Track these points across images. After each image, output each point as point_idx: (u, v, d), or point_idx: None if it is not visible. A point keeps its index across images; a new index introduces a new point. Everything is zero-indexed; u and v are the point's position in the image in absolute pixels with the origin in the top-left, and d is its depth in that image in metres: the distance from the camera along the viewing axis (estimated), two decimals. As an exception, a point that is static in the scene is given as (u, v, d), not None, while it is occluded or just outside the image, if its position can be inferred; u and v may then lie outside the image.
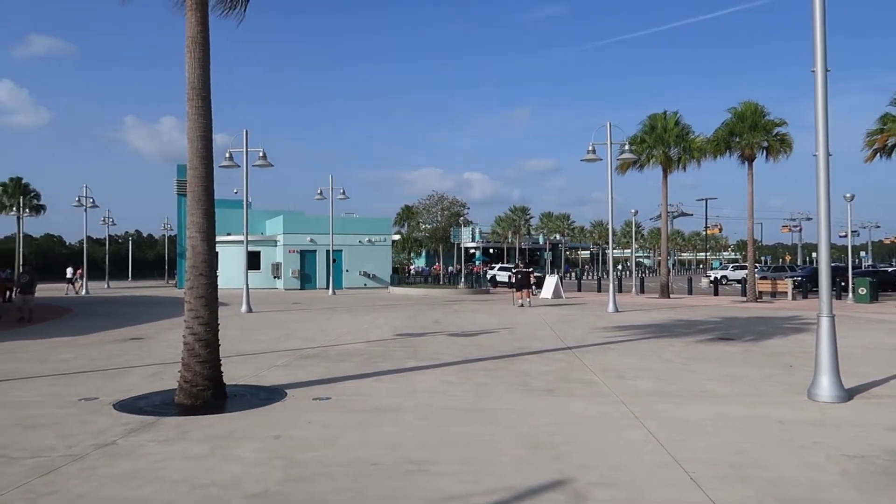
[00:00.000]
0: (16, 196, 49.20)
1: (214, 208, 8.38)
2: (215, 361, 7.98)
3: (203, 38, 8.39)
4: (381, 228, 44.02)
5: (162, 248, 66.80)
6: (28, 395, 8.17)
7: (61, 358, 11.42)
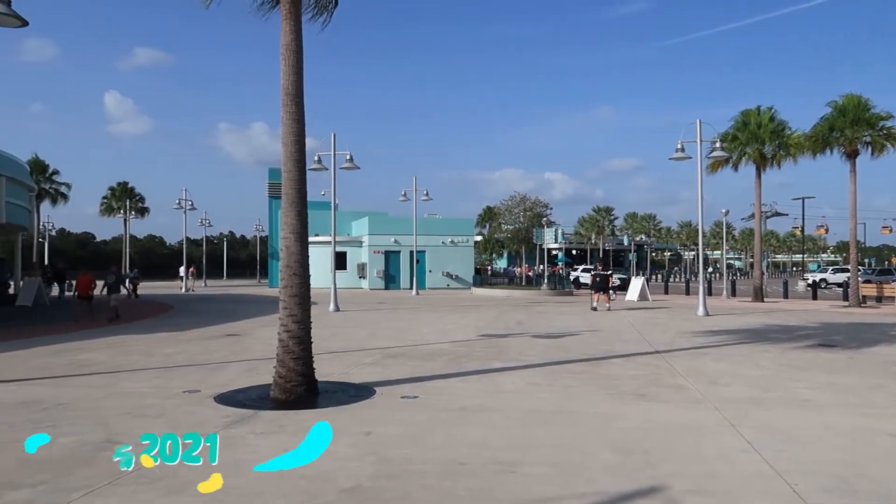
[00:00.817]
0: (122, 200, 52.55)
1: (307, 210, 8.67)
2: (308, 358, 8.25)
3: (296, 45, 8.69)
4: (463, 229, 44.26)
5: (254, 249, 69.63)
6: (137, 387, 8.71)
7: (165, 352, 12.11)
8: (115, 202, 53.81)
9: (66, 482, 4.91)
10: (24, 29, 10.12)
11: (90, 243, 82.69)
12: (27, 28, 10.01)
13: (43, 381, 9.12)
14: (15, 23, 9.75)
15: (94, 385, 8.87)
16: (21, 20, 9.65)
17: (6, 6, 9.39)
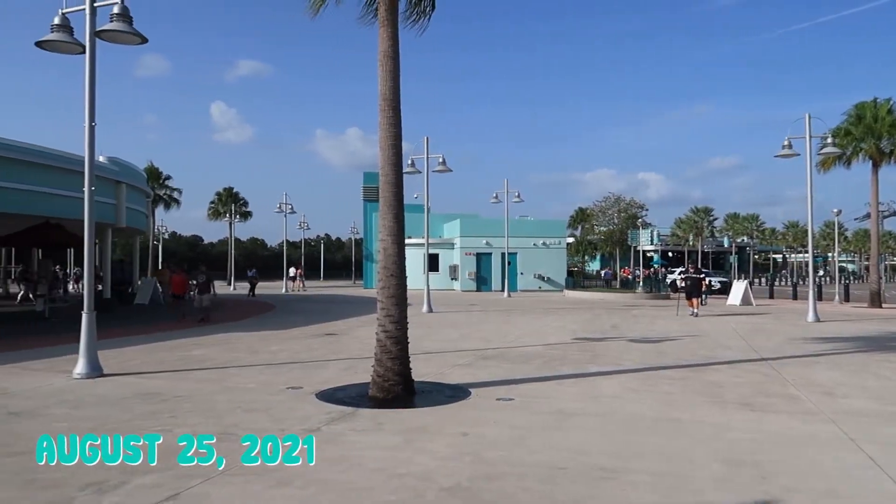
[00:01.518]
0: (228, 204, 55.32)
1: (404, 213, 8.83)
2: (405, 358, 8.40)
3: (394, 52, 8.87)
4: (555, 231, 43.76)
5: (349, 251, 71.60)
6: (245, 382, 9.15)
7: (269, 350, 12.66)
8: (221, 207, 56.75)
9: (185, 469, 5.22)
10: (141, 46, 10.86)
11: (199, 245, 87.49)
12: (144, 45, 10.74)
13: (161, 375, 9.75)
14: (135, 40, 10.47)
15: (206, 379, 9.39)
16: (141, 37, 10.35)
17: (128, 25, 10.11)
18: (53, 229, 20.56)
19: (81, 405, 7.64)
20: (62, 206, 19.50)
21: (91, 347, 9.58)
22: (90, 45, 10.10)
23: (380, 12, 8.93)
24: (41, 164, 18.98)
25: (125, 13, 9.93)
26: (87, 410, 7.37)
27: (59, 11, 10.13)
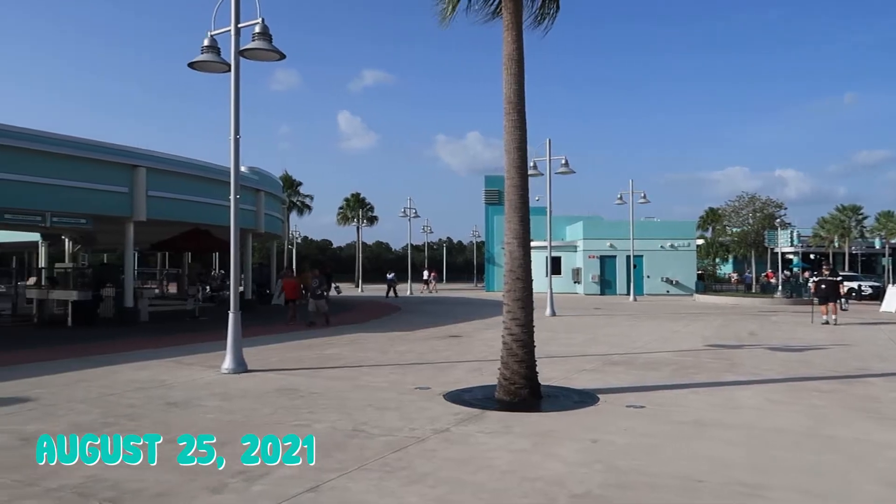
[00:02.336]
0: (355, 209, 57.61)
1: (529, 216, 8.80)
2: (531, 361, 8.36)
3: (518, 55, 8.87)
4: (683, 232, 41.91)
5: (470, 254, 72.33)
6: (376, 381, 9.48)
7: (398, 350, 13.03)
8: (349, 212, 59.19)
9: (324, 462, 5.48)
10: (276, 62, 11.52)
11: (328, 249, 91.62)
12: (279, 61, 11.40)
13: (298, 372, 10.30)
14: (274, 57, 11.15)
15: (339, 377, 9.81)
16: (280, 54, 11.01)
17: (268, 43, 10.78)
18: (202, 235, 22.31)
19: (229, 398, 8.23)
20: (210, 213, 21.12)
21: (237, 345, 10.30)
22: (235, 64, 10.87)
23: (504, 17, 8.96)
24: (191, 175, 20.68)
25: (265, 32, 10.59)
26: (234, 403, 7.93)
27: (208, 33, 10.97)
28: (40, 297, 19.85)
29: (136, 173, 18.66)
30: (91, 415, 7.25)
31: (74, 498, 4.66)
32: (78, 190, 17.37)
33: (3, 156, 15.70)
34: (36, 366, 10.91)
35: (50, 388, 8.80)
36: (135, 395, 8.35)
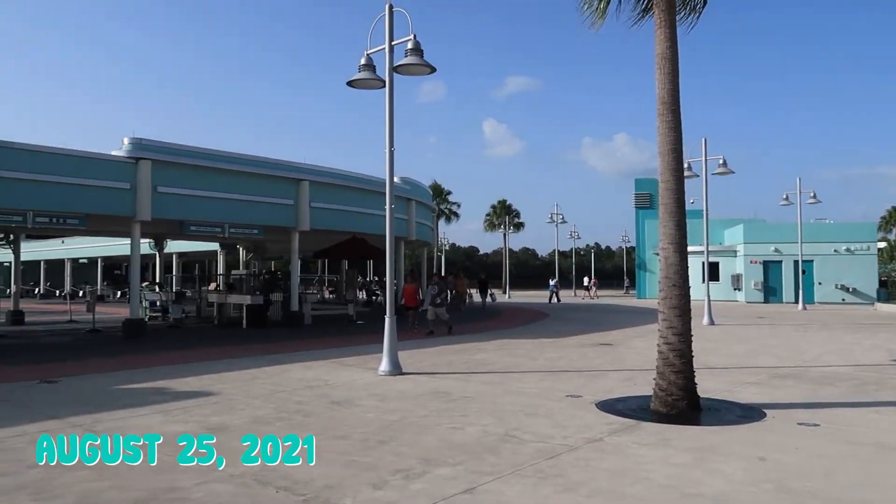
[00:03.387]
0: (502, 216, 58.11)
1: (686, 220, 8.43)
2: (689, 372, 7.98)
3: (672, 53, 8.54)
4: (861, 235, 37.97)
5: (619, 259, 70.25)
6: (526, 387, 9.49)
7: (547, 357, 12.97)
8: (495, 218, 59.83)
9: (477, 465, 5.59)
10: (422, 76, 11.92)
11: (475, 256, 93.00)
12: (428, 74, 11.78)
13: (450, 376, 10.56)
14: (426, 71, 11.56)
15: (490, 382, 9.94)
16: (431, 68, 11.39)
17: (420, 58, 11.20)
18: (358, 243, 23.51)
19: (386, 399, 8.61)
20: (365, 222, 22.26)
21: (392, 348, 10.76)
22: (389, 80, 11.39)
23: (655, 14, 8.67)
24: (348, 187, 21.90)
25: (417, 47, 11.02)
26: (391, 404, 8.29)
27: (365, 53, 11.58)
28: (219, 301, 21.89)
29: (301, 186, 20.09)
30: (266, 409, 7.90)
31: (254, 484, 5.11)
32: (251, 203, 18.99)
33: (188, 174, 17.52)
34: (217, 363, 12.07)
35: (230, 384, 9.70)
36: (303, 393, 8.98)
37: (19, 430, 6.84)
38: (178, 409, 7.95)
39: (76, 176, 15.48)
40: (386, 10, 11.25)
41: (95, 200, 15.87)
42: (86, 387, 9.61)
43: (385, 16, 11.23)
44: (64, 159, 15.43)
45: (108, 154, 16.40)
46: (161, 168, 16.82)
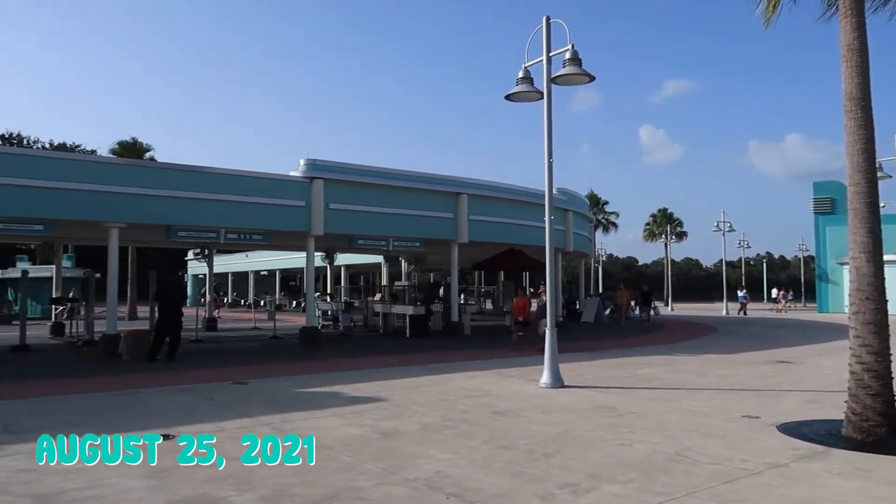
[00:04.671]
0: (663, 225, 55.75)
1: (880, 226, 7.63)
2: (888, 396, 7.18)
3: (860, 44, 7.81)
4: None
5: (795, 270, 64.74)
6: (696, 405, 9.02)
7: (718, 374, 12.24)
8: (656, 228, 57.49)
9: (648, 485, 5.40)
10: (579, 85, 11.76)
11: (633, 267, 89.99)
12: (587, 83, 11.62)
13: (613, 390, 10.30)
14: (585, 80, 11.44)
15: (656, 399, 9.56)
16: (590, 77, 11.25)
17: (578, 67, 11.11)
18: (516, 255, 23.66)
19: (549, 411, 8.57)
20: (522, 233, 22.37)
21: (554, 360, 10.70)
22: (547, 91, 11.41)
23: (841, 2, 7.97)
24: (505, 199, 22.13)
25: (575, 57, 10.95)
26: (554, 416, 8.24)
27: (522, 66, 11.69)
28: (384, 311, 22.97)
29: (460, 200, 20.61)
30: (433, 417, 8.18)
31: (426, 489, 5.30)
32: (412, 217, 19.79)
33: (356, 191, 18.60)
34: (384, 370, 12.67)
35: (397, 391, 10.14)
36: (466, 402, 9.19)
37: (219, 426, 7.61)
38: (353, 412, 8.45)
39: (260, 195, 17.00)
40: (543, 22, 11.31)
41: (276, 217, 17.33)
42: (271, 389, 10.49)
43: (542, 27, 11.29)
44: (249, 181, 17.01)
45: (286, 175, 17.85)
46: (332, 186, 18.01)
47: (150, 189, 15.46)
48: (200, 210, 16.19)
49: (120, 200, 15.03)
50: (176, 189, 15.80)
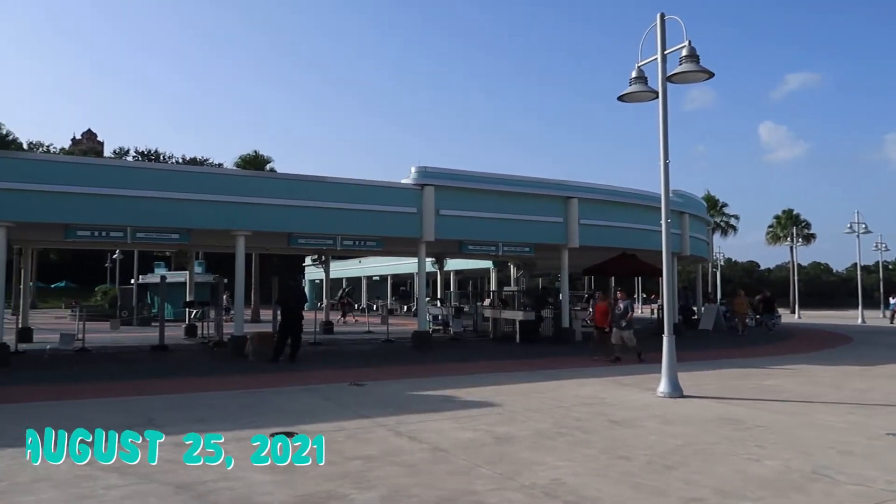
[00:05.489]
0: (787, 227, 52.37)
1: None
2: None
3: None
4: None
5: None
6: (831, 420, 8.38)
7: (855, 387, 11.32)
8: (780, 230, 54.12)
9: (781, 503, 5.07)
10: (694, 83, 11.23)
11: (755, 272, 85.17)
12: (706, 80, 11.11)
13: (737, 402, 9.76)
14: (702, 77, 10.95)
15: (785, 412, 8.97)
16: (708, 73, 10.77)
17: (696, 64, 10.65)
18: (629, 259, 23.00)
19: (669, 422, 8.24)
20: (635, 237, 21.73)
21: (672, 369, 10.29)
22: (662, 90, 11.03)
23: None
24: (617, 203, 21.59)
25: (693, 53, 10.51)
26: (674, 427, 7.92)
27: (636, 65, 11.36)
28: (494, 316, 22.99)
29: (570, 204, 20.30)
30: (546, 423, 8.08)
31: (543, 496, 5.24)
32: (522, 222, 19.69)
33: (465, 197, 18.74)
34: (495, 375, 12.67)
35: (509, 396, 10.11)
36: (580, 410, 9.01)
37: (338, 425, 7.89)
38: (466, 416, 8.50)
39: (373, 203, 17.51)
40: (657, 19, 10.96)
41: (389, 224, 17.77)
42: (386, 391, 10.75)
43: (656, 25, 10.94)
44: (364, 189, 17.56)
45: (398, 182, 18.28)
46: (442, 192, 18.25)
47: (273, 199, 16.31)
48: (319, 218, 16.88)
49: (246, 210, 15.96)
50: (296, 198, 16.57)
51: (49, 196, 14.17)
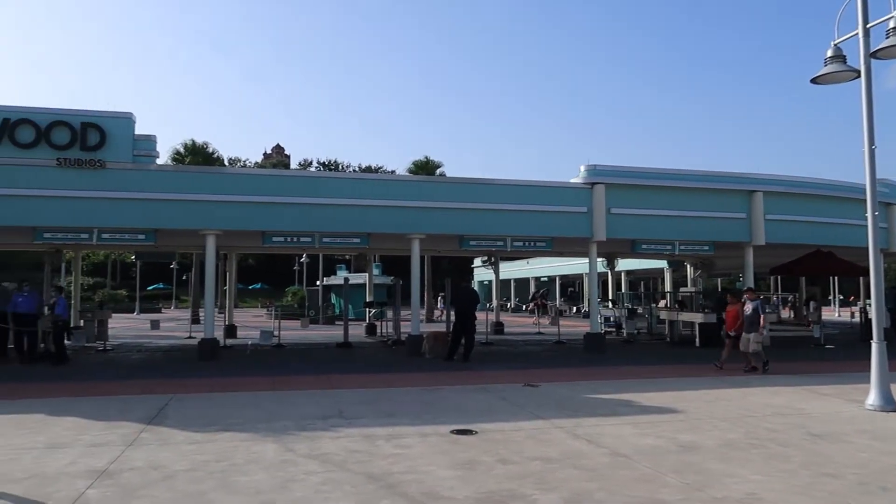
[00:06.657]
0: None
1: None
2: None
3: None
4: None
5: None
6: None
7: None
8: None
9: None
10: None
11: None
12: None
13: None
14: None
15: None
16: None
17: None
18: (824, 257, 20.92)
19: (882, 438, 7.39)
20: (831, 233, 19.72)
21: (883, 379, 9.21)
22: (865, 68, 9.94)
23: None
24: (809, 195, 19.70)
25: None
26: (890, 445, 7.08)
27: (832, 44, 10.34)
28: (670, 319, 21.96)
29: (754, 198, 18.87)
30: (736, 433, 7.58)
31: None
32: (699, 219, 18.62)
33: (637, 194, 18.08)
34: (674, 380, 12.10)
35: (691, 403, 9.61)
36: (774, 420, 8.35)
37: (516, 425, 7.96)
38: (646, 422, 8.20)
39: (542, 203, 17.46)
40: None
41: (559, 224, 17.62)
42: (561, 392, 10.67)
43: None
44: (532, 190, 17.56)
45: (568, 182, 18.07)
46: (613, 190, 17.76)
47: (444, 202, 16.83)
48: (489, 220, 17.15)
49: (421, 214, 16.62)
50: (467, 201, 16.96)
51: (250, 206, 15.73)
